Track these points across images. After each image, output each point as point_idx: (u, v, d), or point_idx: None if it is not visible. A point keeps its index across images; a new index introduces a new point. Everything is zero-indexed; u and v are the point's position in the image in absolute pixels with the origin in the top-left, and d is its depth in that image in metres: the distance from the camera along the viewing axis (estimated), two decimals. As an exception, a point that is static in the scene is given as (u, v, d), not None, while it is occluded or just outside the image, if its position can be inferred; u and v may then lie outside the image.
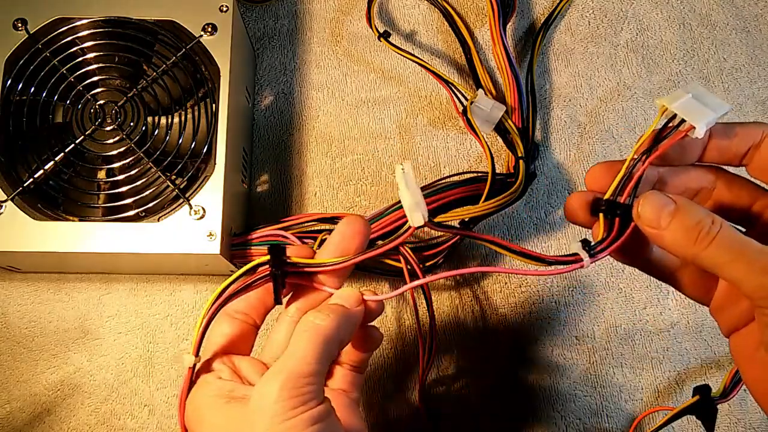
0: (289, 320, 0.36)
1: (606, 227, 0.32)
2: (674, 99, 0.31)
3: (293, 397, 0.29)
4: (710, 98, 0.31)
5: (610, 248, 0.31)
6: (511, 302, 0.53)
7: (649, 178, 0.33)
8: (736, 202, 0.33)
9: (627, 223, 0.31)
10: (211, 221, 0.45)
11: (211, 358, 0.35)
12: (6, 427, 0.50)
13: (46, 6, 0.49)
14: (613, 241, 0.31)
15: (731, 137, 0.32)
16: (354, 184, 0.56)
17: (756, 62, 0.59)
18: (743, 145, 0.32)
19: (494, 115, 0.51)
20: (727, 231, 0.28)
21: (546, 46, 0.59)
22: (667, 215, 0.29)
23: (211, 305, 0.34)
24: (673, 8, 0.61)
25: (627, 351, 0.52)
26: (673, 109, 0.30)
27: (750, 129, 0.32)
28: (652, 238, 0.30)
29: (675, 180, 0.33)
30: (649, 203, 0.29)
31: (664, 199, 0.29)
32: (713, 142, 0.32)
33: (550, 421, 0.51)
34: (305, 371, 0.30)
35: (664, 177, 0.33)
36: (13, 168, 0.47)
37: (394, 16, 0.60)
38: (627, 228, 0.31)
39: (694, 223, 0.28)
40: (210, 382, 0.33)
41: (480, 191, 0.46)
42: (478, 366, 0.52)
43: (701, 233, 0.28)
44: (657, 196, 0.29)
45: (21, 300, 0.53)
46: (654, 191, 0.30)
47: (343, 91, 0.58)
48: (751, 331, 0.31)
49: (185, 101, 0.49)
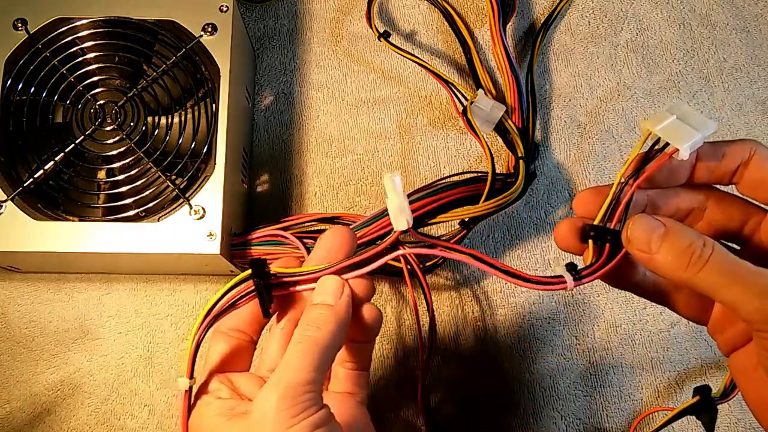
0: (281, 332, 0.36)
1: (596, 253, 0.31)
2: (658, 121, 0.30)
3: (293, 406, 0.29)
4: (696, 117, 0.30)
5: (597, 273, 0.31)
6: (511, 302, 0.53)
7: (638, 201, 0.32)
8: (729, 221, 0.33)
9: (617, 249, 0.30)
10: (211, 221, 0.45)
11: (208, 378, 0.35)
12: (6, 427, 0.50)
13: (46, 6, 0.49)
14: (602, 267, 0.31)
15: (719, 157, 0.31)
16: (354, 184, 0.56)
17: (756, 62, 0.59)
18: (732, 163, 0.31)
19: (494, 115, 0.51)
20: (720, 253, 0.28)
21: (546, 46, 0.59)
22: (657, 239, 0.28)
23: (199, 326, 0.33)
24: (673, 8, 0.61)
25: (627, 351, 0.52)
26: (657, 132, 0.30)
27: (738, 147, 0.31)
28: (643, 262, 0.29)
29: (665, 202, 0.33)
30: (638, 227, 0.29)
31: (653, 223, 0.29)
32: (701, 162, 0.32)
33: (550, 421, 0.51)
34: (303, 380, 0.30)
35: (654, 200, 0.32)
36: (13, 168, 0.47)
37: (394, 16, 0.60)
38: (617, 253, 0.30)
39: (685, 246, 0.28)
40: (210, 403, 0.33)
41: (480, 191, 0.46)
42: (477, 366, 0.52)
43: (693, 256, 0.27)
44: (646, 220, 0.29)
45: (21, 300, 0.53)
46: (643, 214, 0.29)
47: (343, 91, 0.58)
48: (750, 352, 0.31)
49: (185, 101, 0.49)
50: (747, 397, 0.31)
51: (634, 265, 0.32)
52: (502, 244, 0.54)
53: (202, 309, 0.33)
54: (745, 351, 0.31)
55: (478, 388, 0.51)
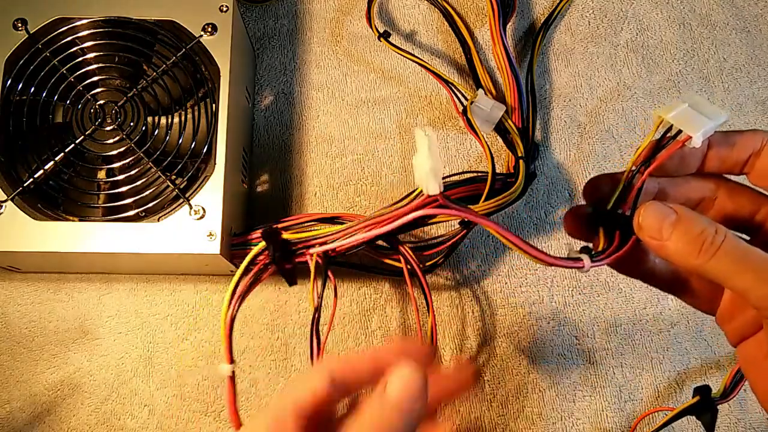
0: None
1: (606, 240, 0.31)
2: (671, 109, 0.30)
3: None
4: (707, 107, 0.30)
5: (610, 258, 0.31)
6: (511, 302, 0.53)
7: (649, 189, 0.32)
8: (739, 211, 0.33)
9: (628, 235, 0.31)
10: (211, 221, 0.45)
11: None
12: (6, 427, 0.50)
13: (46, 6, 0.49)
14: (614, 252, 0.31)
15: (731, 146, 0.31)
16: (354, 184, 0.56)
17: (756, 62, 0.59)
18: (743, 153, 0.31)
19: (494, 115, 0.51)
20: (732, 241, 0.28)
21: (546, 46, 0.59)
22: (669, 225, 0.28)
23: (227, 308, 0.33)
24: (673, 8, 0.61)
25: (627, 351, 0.52)
26: (669, 119, 0.30)
27: (749, 137, 0.31)
28: (654, 249, 0.29)
29: (676, 191, 0.33)
30: (650, 214, 0.29)
31: (665, 210, 0.29)
32: (713, 151, 0.32)
33: (550, 421, 0.51)
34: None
35: (664, 188, 0.32)
36: (13, 168, 0.47)
37: (394, 16, 0.60)
38: (628, 240, 0.31)
39: (697, 233, 0.28)
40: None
41: (480, 191, 0.46)
42: (477, 366, 0.52)
43: (705, 243, 0.27)
44: (658, 206, 0.29)
45: (21, 300, 0.53)
46: (654, 201, 0.29)
47: (343, 91, 0.58)
48: (759, 341, 0.30)
49: (185, 101, 0.49)
50: (756, 388, 0.31)
51: (645, 252, 0.32)
52: (502, 243, 0.54)
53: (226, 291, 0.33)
54: (754, 340, 0.31)
55: (478, 389, 0.51)
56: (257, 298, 0.53)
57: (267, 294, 0.53)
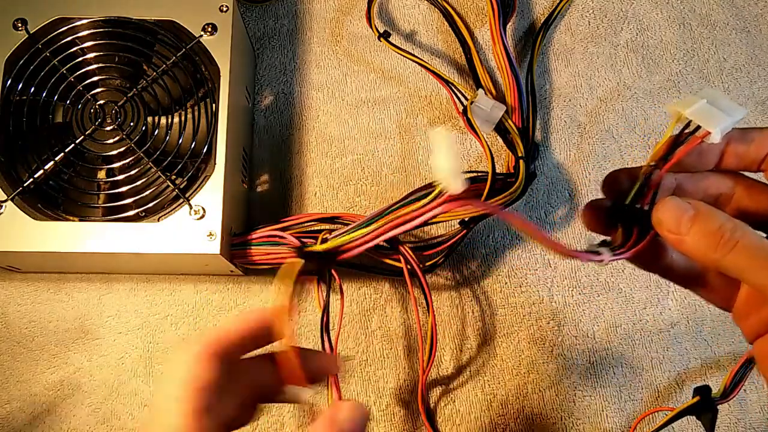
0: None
1: (624, 234, 0.31)
2: (688, 104, 0.30)
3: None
4: (725, 102, 0.30)
5: (630, 251, 0.31)
6: (511, 302, 0.53)
7: (666, 185, 0.32)
8: (757, 208, 0.33)
9: (646, 230, 0.31)
10: (211, 221, 0.45)
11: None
12: (6, 427, 0.50)
13: (46, 6, 0.49)
14: (633, 246, 0.31)
15: (749, 142, 0.31)
16: (354, 184, 0.56)
17: (756, 62, 0.59)
18: (761, 150, 0.31)
19: (494, 115, 0.51)
20: (750, 236, 0.28)
21: (546, 46, 0.59)
22: (687, 221, 0.28)
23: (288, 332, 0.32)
24: (673, 8, 0.61)
25: (627, 351, 0.52)
26: (688, 115, 0.30)
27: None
28: (672, 243, 0.29)
29: (693, 186, 0.33)
30: (668, 209, 0.29)
31: (683, 205, 0.29)
32: (730, 147, 0.32)
33: (550, 421, 0.51)
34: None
35: (682, 184, 0.33)
36: (13, 168, 0.47)
37: (394, 16, 0.60)
38: (646, 235, 0.31)
39: (715, 228, 0.28)
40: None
41: (480, 191, 0.46)
42: (477, 366, 0.52)
43: (723, 238, 0.28)
44: (676, 202, 0.29)
45: (21, 300, 0.53)
46: (673, 197, 0.29)
47: (343, 91, 0.58)
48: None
49: (185, 101, 0.49)
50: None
51: (663, 247, 0.32)
52: (502, 243, 0.54)
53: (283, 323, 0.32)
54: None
55: (477, 389, 0.51)
56: (257, 298, 0.53)
57: (267, 294, 0.53)
